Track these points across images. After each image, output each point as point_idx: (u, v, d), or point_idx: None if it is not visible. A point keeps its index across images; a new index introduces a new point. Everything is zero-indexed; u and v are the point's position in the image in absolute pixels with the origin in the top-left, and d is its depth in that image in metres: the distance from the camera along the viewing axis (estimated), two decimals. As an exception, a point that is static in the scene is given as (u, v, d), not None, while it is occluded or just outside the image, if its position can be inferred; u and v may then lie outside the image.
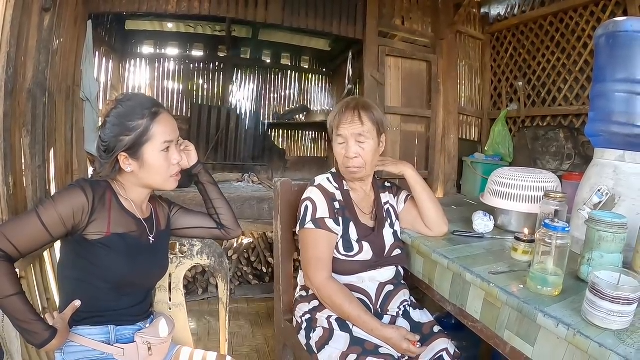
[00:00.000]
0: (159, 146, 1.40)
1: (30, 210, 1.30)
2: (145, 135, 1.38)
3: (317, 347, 1.65)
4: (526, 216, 1.95)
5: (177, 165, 1.47)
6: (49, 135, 2.41)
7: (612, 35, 1.65)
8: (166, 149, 1.41)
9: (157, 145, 1.39)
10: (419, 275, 1.90)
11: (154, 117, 1.40)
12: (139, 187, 1.47)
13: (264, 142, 6.30)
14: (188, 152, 1.62)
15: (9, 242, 1.23)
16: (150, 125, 1.38)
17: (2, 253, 1.22)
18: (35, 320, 1.26)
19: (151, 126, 1.38)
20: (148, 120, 1.38)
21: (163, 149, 1.41)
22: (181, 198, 3.19)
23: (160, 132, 1.40)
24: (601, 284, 1.07)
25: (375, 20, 4.14)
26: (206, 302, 3.84)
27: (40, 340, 1.26)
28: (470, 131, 4.81)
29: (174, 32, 6.11)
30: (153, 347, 1.45)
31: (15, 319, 1.24)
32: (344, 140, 1.75)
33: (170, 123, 1.44)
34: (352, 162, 1.73)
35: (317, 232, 1.68)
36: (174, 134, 1.44)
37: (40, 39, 2.22)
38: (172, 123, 1.46)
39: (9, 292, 1.21)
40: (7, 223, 1.32)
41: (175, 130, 1.46)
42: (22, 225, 1.27)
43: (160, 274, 1.63)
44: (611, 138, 1.65)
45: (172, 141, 1.43)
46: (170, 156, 1.44)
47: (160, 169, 1.42)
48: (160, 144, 1.40)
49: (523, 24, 4.17)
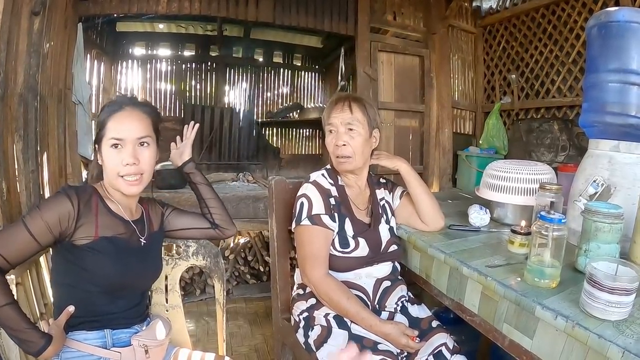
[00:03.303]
0: (108, 141, 1.39)
1: (18, 221, 1.30)
2: (102, 130, 1.40)
3: (316, 345, 1.64)
4: (522, 208, 1.95)
5: (128, 166, 1.40)
6: (42, 139, 2.39)
7: (604, 25, 1.65)
8: (114, 145, 1.39)
9: (107, 141, 1.39)
10: (415, 270, 1.90)
11: (112, 113, 1.41)
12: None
13: (258, 141, 6.27)
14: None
15: None
16: (106, 120, 1.40)
17: None
18: (29, 329, 1.25)
19: (106, 121, 1.40)
20: (107, 115, 1.41)
21: (111, 145, 1.39)
22: (176, 199, 3.18)
23: (111, 128, 1.40)
24: (599, 274, 1.07)
25: (367, 16, 4.13)
26: (204, 303, 3.83)
27: (36, 348, 1.25)
28: (464, 125, 4.80)
29: (165, 32, 6.07)
30: (150, 350, 1.44)
31: (9, 328, 1.23)
32: (334, 129, 1.76)
33: (127, 121, 1.42)
34: (341, 150, 1.74)
35: (313, 228, 1.68)
36: (128, 133, 1.40)
37: (31, 42, 2.20)
38: (132, 122, 1.42)
39: (1, 303, 1.21)
40: None
41: (133, 130, 1.41)
42: (10, 236, 1.27)
43: (154, 276, 1.62)
44: (605, 128, 1.65)
45: (123, 139, 1.39)
46: (121, 155, 1.40)
47: (108, 166, 1.41)
48: (108, 139, 1.39)
49: (515, 17, 4.16)
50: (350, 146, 1.74)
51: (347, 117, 1.74)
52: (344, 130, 1.74)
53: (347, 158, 1.75)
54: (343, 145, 1.74)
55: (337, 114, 1.75)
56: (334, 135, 1.77)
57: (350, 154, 1.75)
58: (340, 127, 1.75)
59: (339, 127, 1.75)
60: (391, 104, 4.31)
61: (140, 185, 1.45)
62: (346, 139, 1.74)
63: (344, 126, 1.74)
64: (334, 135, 1.77)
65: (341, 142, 1.74)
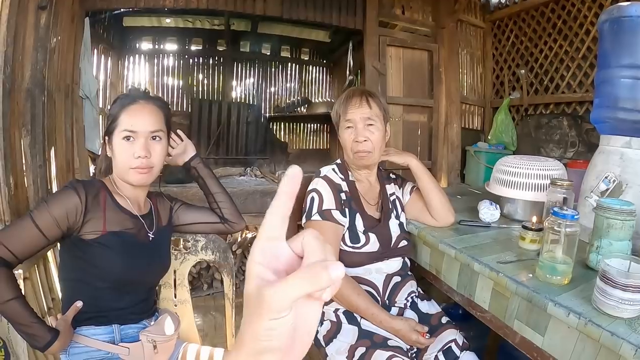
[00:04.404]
0: (120, 134, 1.39)
1: (25, 215, 1.31)
2: (115, 122, 1.40)
3: (325, 341, 1.64)
4: (532, 204, 1.94)
5: (140, 159, 1.40)
6: (49, 134, 2.39)
7: (616, 20, 1.63)
8: (126, 138, 1.39)
9: (119, 133, 1.40)
10: (425, 266, 1.90)
11: (126, 106, 1.41)
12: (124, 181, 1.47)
13: (266, 136, 6.27)
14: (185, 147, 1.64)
15: (6, 248, 1.25)
16: (119, 112, 1.41)
17: None
18: (36, 324, 1.26)
19: (119, 113, 1.41)
20: (120, 108, 1.41)
21: (123, 137, 1.39)
22: (184, 193, 3.18)
23: (124, 121, 1.40)
24: (612, 271, 1.06)
25: (375, 10, 4.11)
26: (211, 298, 3.84)
27: (43, 343, 1.26)
28: (472, 120, 4.77)
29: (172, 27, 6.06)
30: (158, 345, 1.44)
31: (17, 323, 1.24)
32: (353, 125, 1.75)
33: (140, 114, 1.42)
34: (362, 146, 1.73)
35: (323, 223, 1.67)
36: (141, 126, 1.41)
37: (37, 37, 2.20)
38: (144, 115, 1.43)
39: (7, 297, 1.22)
40: (3, 230, 1.33)
41: (146, 124, 1.42)
42: (18, 230, 1.28)
43: (162, 271, 1.62)
44: (617, 124, 1.63)
45: (136, 132, 1.40)
46: (133, 148, 1.40)
47: (119, 157, 1.41)
48: (120, 131, 1.39)
49: (524, 11, 4.13)
50: (371, 141, 1.73)
51: (366, 112, 1.73)
52: (363, 125, 1.73)
53: (368, 153, 1.75)
54: (364, 141, 1.73)
55: (355, 109, 1.74)
56: (352, 131, 1.75)
57: (370, 149, 1.74)
58: (359, 123, 1.73)
59: (357, 122, 1.74)
60: (400, 98, 4.30)
61: (149, 175, 1.45)
62: (367, 134, 1.73)
63: (363, 122, 1.73)
64: (353, 130, 1.75)
65: (362, 138, 1.73)
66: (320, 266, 0.37)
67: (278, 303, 0.37)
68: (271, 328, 0.38)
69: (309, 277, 0.37)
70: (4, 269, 1.23)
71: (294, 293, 0.37)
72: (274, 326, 0.38)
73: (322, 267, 0.37)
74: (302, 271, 0.38)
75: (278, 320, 0.37)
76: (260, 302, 0.38)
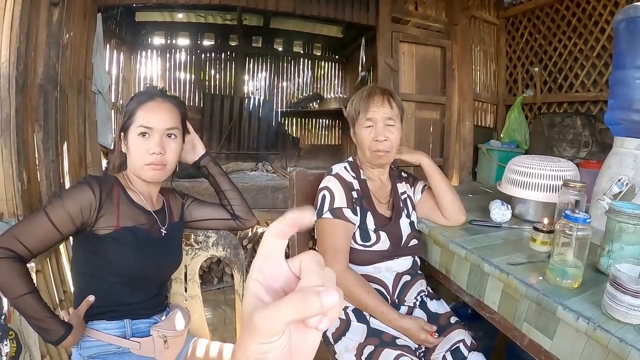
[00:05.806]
0: (136, 129, 1.40)
1: (39, 210, 1.32)
2: (131, 118, 1.41)
3: (334, 338, 1.65)
4: (544, 205, 1.93)
5: (154, 155, 1.41)
6: (62, 129, 2.42)
7: (632, 20, 1.61)
8: (142, 134, 1.40)
9: (135, 129, 1.40)
10: (435, 265, 1.90)
11: (143, 102, 1.43)
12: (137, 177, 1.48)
13: (278, 131, 6.29)
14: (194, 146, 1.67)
15: (20, 243, 1.26)
16: (136, 109, 1.42)
17: (13, 254, 1.24)
18: (49, 318, 1.27)
19: (136, 110, 1.42)
20: (137, 104, 1.42)
21: (139, 133, 1.40)
22: (195, 188, 3.20)
23: (140, 117, 1.41)
24: (622, 277, 1.05)
25: (388, 6, 4.08)
26: (221, 292, 3.86)
27: (56, 337, 1.27)
28: (485, 118, 4.74)
29: (184, 22, 6.09)
30: (169, 340, 1.46)
31: (30, 317, 1.26)
32: (373, 124, 1.75)
33: (156, 111, 1.43)
34: (382, 145, 1.74)
35: (334, 222, 1.68)
36: (157, 123, 1.42)
37: (50, 33, 2.22)
38: (160, 113, 1.43)
39: (22, 292, 1.23)
40: (18, 224, 1.34)
41: (161, 121, 1.43)
42: (32, 225, 1.29)
43: (173, 267, 1.63)
44: (632, 126, 1.62)
45: (152, 128, 1.41)
46: (148, 144, 1.41)
47: (134, 153, 1.42)
48: (136, 127, 1.40)
49: (538, 8, 4.08)
50: (390, 141, 1.74)
51: (387, 112, 1.74)
52: (383, 125, 1.74)
53: (386, 153, 1.76)
54: (384, 140, 1.73)
55: (376, 108, 1.74)
56: (372, 130, 1.76)
57: (389, 149, 1.75)
58: (380, 122, 1.74)
59: (378, 122, 1.74)
60: (412, 95, 4.27)
61: (163, 172, 1.46)
62: (387, 134, 1.74)
63: (383, 121, 1.74)
64: (373, 130, 1.76)
65: (382, 138, 1.73)
66: (313, 292, 0.36)
67: (268, 328, 0.36)
68: (261, 352, 0.37)
69: (299, 303, 0.36)
70: (18, 263, 1.24)
71: (282, 319, 0.36)
72: (263, 350, 0.37)
73: (313, 293, 0.36)
74: (293, 296, 0.36)
75: (268, 345, 0.37)
76: (252, 324, 0.37)
